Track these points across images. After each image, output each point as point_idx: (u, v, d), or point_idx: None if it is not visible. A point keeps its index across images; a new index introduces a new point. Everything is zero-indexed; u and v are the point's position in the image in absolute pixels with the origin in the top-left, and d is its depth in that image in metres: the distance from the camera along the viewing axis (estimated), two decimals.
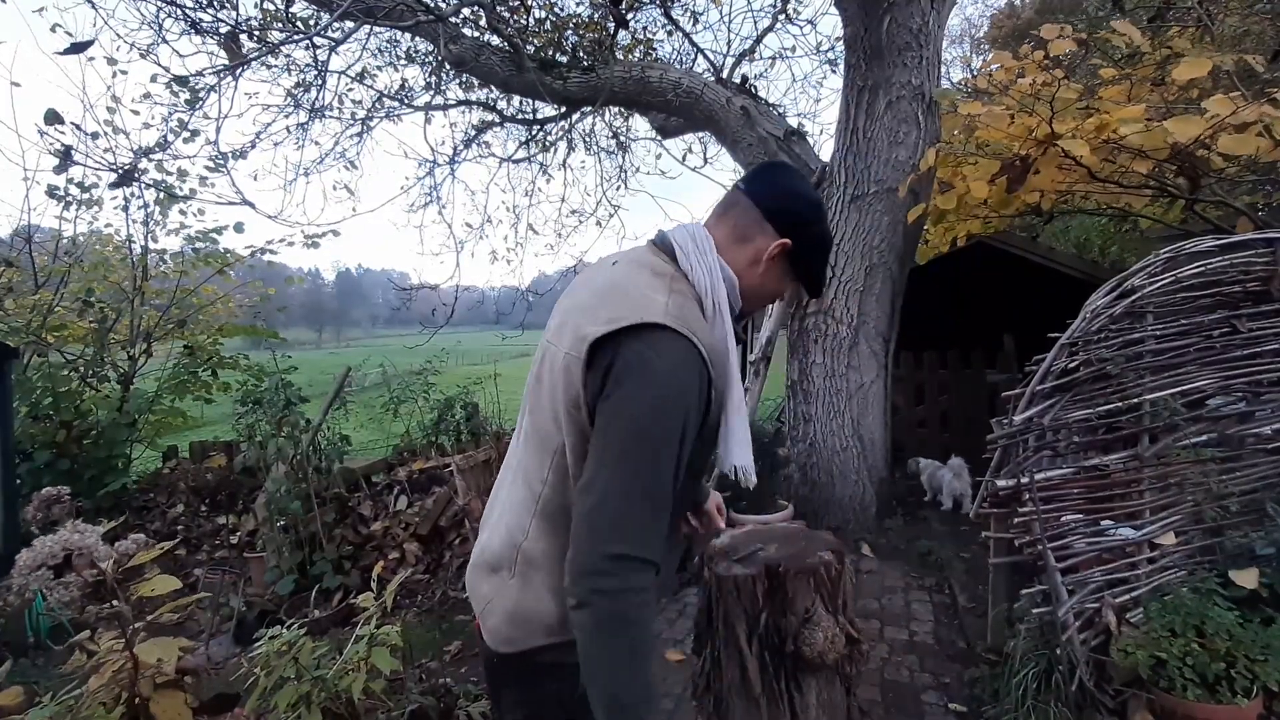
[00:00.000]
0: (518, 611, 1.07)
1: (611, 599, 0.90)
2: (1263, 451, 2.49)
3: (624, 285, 1.05)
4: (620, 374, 0.95)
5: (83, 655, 1.64)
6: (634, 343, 0.95)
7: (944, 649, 2.99)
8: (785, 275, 1.15)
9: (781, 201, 1.12)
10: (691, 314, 1.02)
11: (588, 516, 0.93)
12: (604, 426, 0.96)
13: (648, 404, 0.94)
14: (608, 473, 0.93)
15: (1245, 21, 5.69)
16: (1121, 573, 2.35)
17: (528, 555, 1.08)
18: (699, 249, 1.10)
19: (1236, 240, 2.44)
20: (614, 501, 0.91)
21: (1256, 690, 1.98)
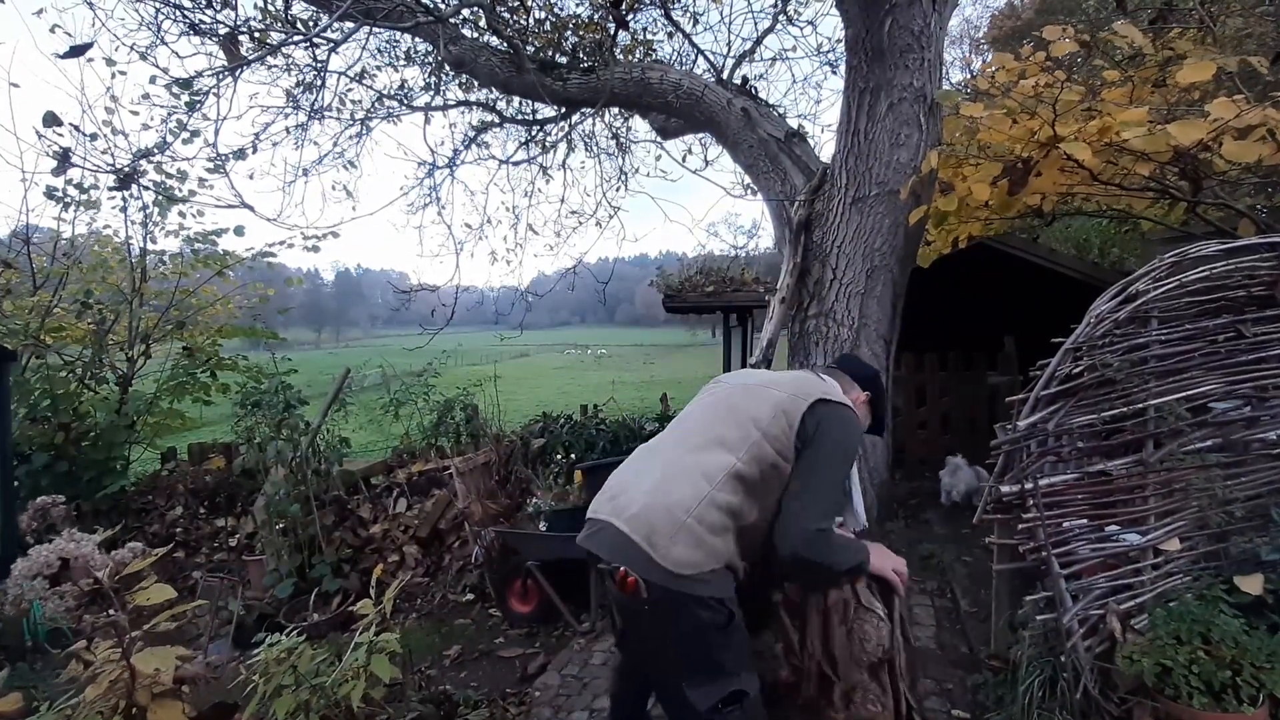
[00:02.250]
0: (703, 542, 1.58)
1: (817, 541, 1.63)
2: (1268, 457, 2.47)
3: (815, 381, 1.86)
4: (835, 421, 1.74)
5: (79, 665, 1.63)
6: (835, 409, 1.77)
7: (947, 654, 2.97)
8: (867, 416, 2.02)
9: (865, 377, 2.06)
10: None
11: (803, 501, 1.65)
12: (817, 454, 1.68)
13: (850, 445, 1.77)
14: (817, 479, 1.68)
15: (1248, 23, 5.68)
16: (1126, 579, 2.34)
17: (716, 501, 1.61)
18: (839, 388, 1.88)
19: (1241, 244, 2.43)
20: (819, 495, 1.66)
21: (1263, 698, 1.97)
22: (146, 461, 6.78)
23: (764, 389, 1.82)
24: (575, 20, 6.42)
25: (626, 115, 7.30)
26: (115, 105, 5.51)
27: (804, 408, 1.71)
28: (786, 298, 4.49)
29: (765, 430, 1.70)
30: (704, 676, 1.59)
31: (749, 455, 1.67)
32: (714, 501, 1.61)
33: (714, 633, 1.57)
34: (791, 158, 4.72)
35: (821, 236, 4.41)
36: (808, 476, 1.65)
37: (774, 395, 1.77)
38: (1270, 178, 4.67)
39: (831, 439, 1.68)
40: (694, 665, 1.60)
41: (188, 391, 6.68)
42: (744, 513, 1.65)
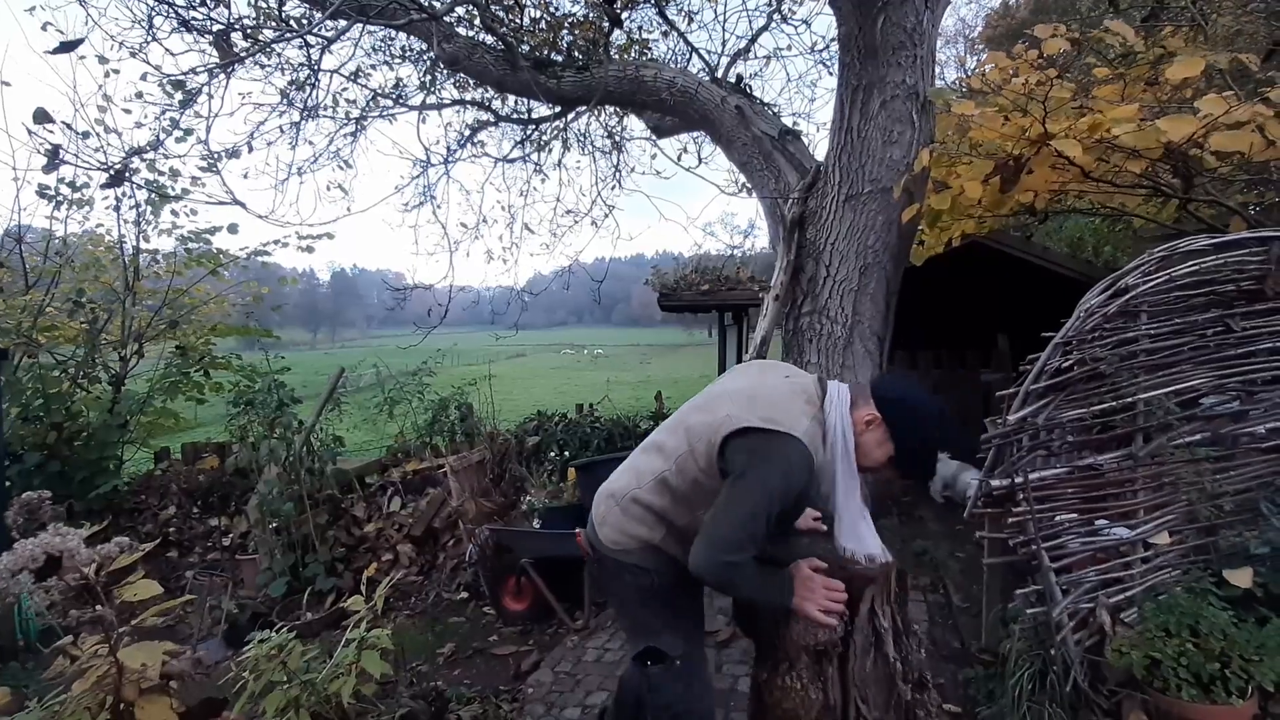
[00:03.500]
0: (624, 528, 1.78)
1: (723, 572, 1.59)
2: (1257, 451, 2.49)
3: (787, 398, 1.68)
4: (760, 452, 1.57)
5: (66, 660, 1.62)
6: (776, 441, 1.57)
7: (939, 649, 2.98)
8: (884, 443, 1.70)
9: (886, 391, 1.74)
10: (816, 438, 1.63)
11: (712, 529, 1.57)
12: (742, 479, 1.56)
13: (772, 482, 1.55)
14: (735, 507, 1.56)
15: (1239, 21, 5.70)
16: (1116, 573, 2.35)
17: (637, 498, 1.77)
18: (839, 404, 1.69)
19: (1230, 239, 2.44)
20: (727, 526, 1.56)
21: (1251, 690, 1.98)
22: (140, 461, 6.76)
23: (721, 402, 1.73)
24: (570, 19, 6.41)
25: (621, 114, 7.30)
26: (108, 104, 5.50)
27: (727, 432, 1.59)
28: (780, 295, 4.49)
29: (693, 446, 1.69)
30: (630, 631, 1.97)
31: (676, 467, 1.72)
32: (637, 499, 1.77)
33: (637, 593, 1.82)
34: (785, 155, 4.72)
35: (815, 234, 4.41)
36: (721, 507, 1.57)
37: (719, 411, 1.67)
38: (1261, 175, 4.70)
39: (754, 472, 1.55)
40: (624, 621, 2.03)
41: (181, 391, 6.65)
42: (672, 515, 1.74)
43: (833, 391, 1.72)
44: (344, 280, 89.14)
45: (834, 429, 1.65)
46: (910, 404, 1.71)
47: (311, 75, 5.99)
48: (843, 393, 1.72)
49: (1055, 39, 3.81)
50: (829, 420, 1.65)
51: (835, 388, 1.74)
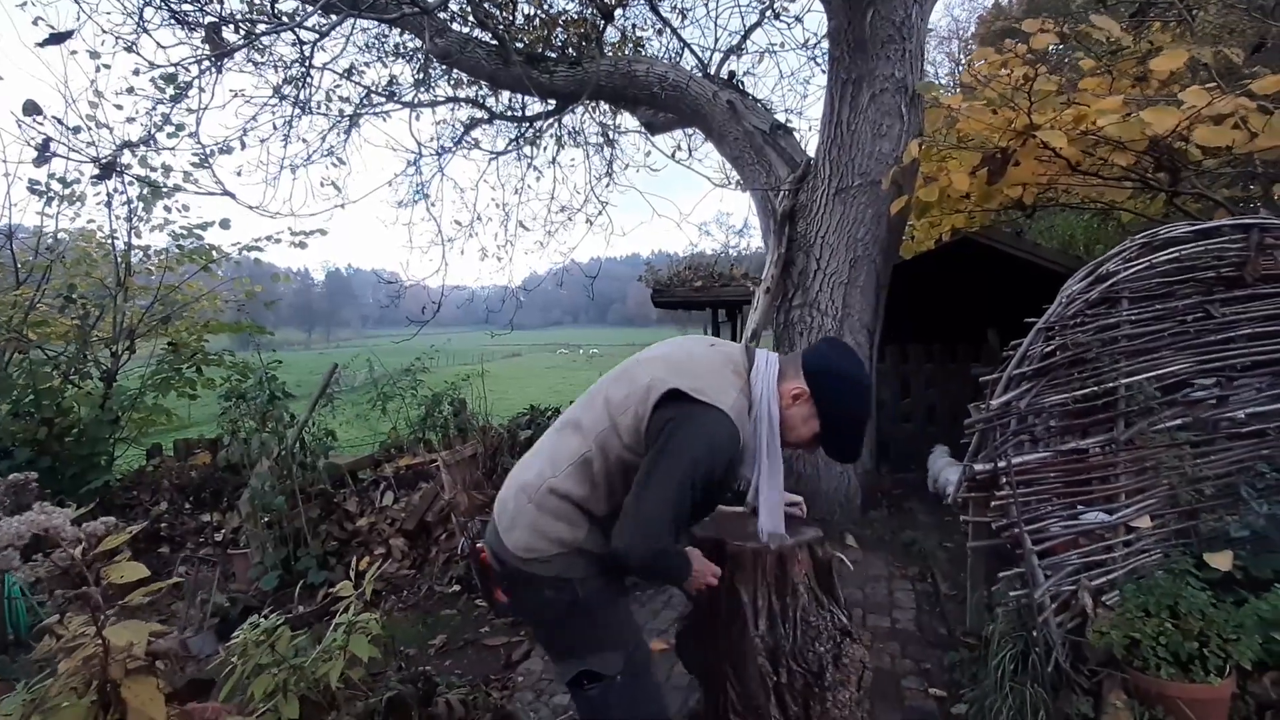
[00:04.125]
0: (540, 528, 1.52)
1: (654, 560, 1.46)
2: (1236, 435, 2.52)
3: (714, 369, 1.55)
4: (686, 425, 1.43)
5: (53, 640, 1.63)
6: (699, 411, 1.45)
7: (926, 636, 3.00)
8: (810, 418, 1.58)
9: (814, 362, 1.59)
10: (742, 411, 1.51)
11: (640, 509, 1.41)
12: (666, 453, 1.42)
13: (697, 455, 1.42)
14: (659, 485, 1.40)
15: (1224, 17, 5.75)
16: (1098, 556, 2.37)
17: (554, 488, 1.53)
18: (766, 377, 1.56)
19: (1210, 226, 2.47)
20: (657, 505, 1.40)
21: (1229, 669, 2.00)
22: (131, 458, 6.74)
23: (641, 368, 1.57)
24: (564, 16, 6.43)
25: (615, 110, 7.32)
26: (99, 99, 5.49)
27: (655, 399, 1.46)
28: (771, 288, 4.53)
29: (615, 420, 1.52)
30: (555, 653, 1.68)
31: (598, 445, 1.52)
32: (554, 489, 1.53)
33: (560, 611, 1.55)
34: (776, 150, 4.75)
35: (805, 227, 4.45)
36: (646, 484, 1.41)
37: (641, 379, 1.52)
38: (1247, 168, 4.74)
39: (676, 442, 1.40)
40: (547, 642, 1.73)
41: (173, 387, 6.63)
42: (592, 505, 1.53)
43: (760, 361, 1.57)
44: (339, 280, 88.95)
45: (760, 401, 1.52)
46: (840, 376, 1.56)
47: (304, 71, 6.00)
48: (771, 362, 1.57)
49: (1043, 34, 3.85)
50: (755, 392, 1.52)
51: (763, 357, 1.59)
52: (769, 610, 1.81)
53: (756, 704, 1.83)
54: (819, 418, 1.56)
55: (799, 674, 1.80)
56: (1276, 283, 2.49)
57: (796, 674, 1.80)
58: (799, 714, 1.82)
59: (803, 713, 1.81)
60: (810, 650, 1.81)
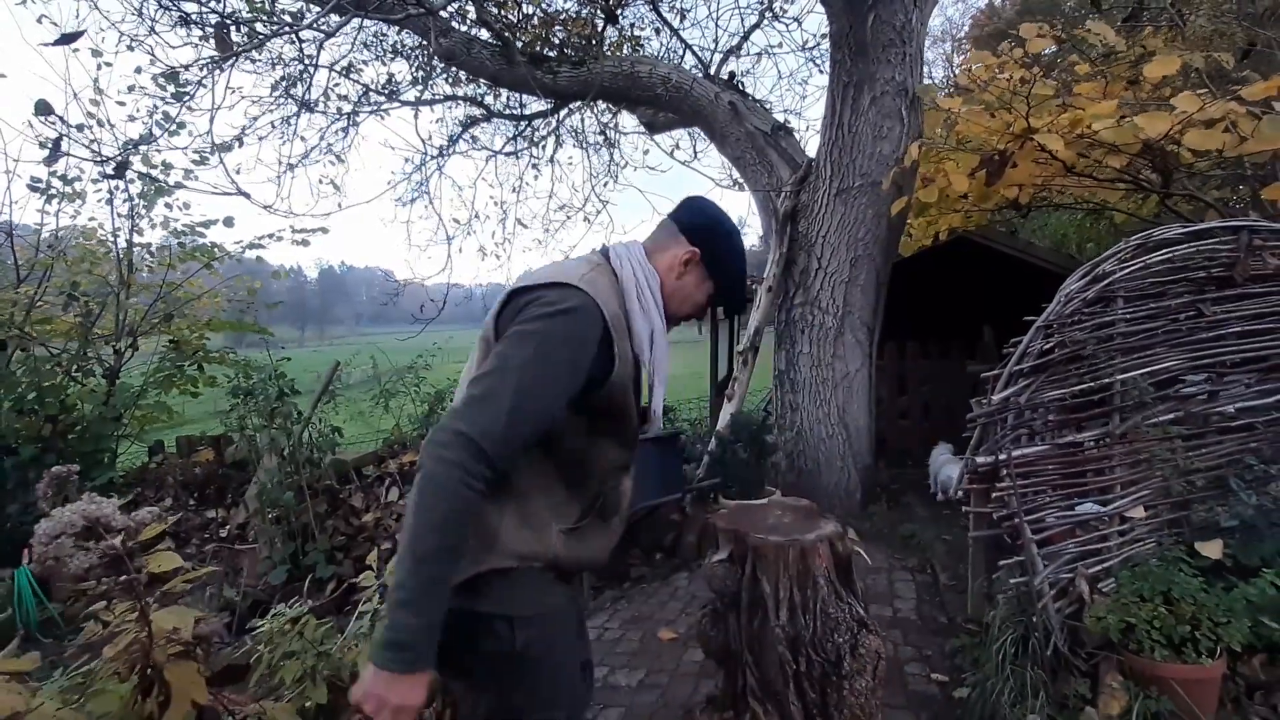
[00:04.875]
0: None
1: (440, 463, 0.98)
2: (1226, 430, 2.62)
3: (556, 264, 1.31)
4: (528, 310, 1.14)
5: (98, 626, 1.69)
6: (545, 292, 1.16)
7: (926, 624, 3.10)
8: (702, 282, 1.39)
9: (693, 218, 1.40)
10: (603, 287, 1.22)
11: (464, 401, 1.07)
12: (506, 341, 1.12)
13: (545, 334, 1.10)
14: (495, 375, 1.07)
15: (1215, 22, 5.87)
16: (1094, 545, 2.47)
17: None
18: (629, 254, 1.34)
19: (1202, 228, 2.56)
20: (488, 396, 1.04)
21: (1220, 651, 2.10)
22: (134, 455, 6.76)
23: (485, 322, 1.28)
24: (563, 15, 6.48)
25: (615, 110, 7.38)
26: (101, 96, 5.52)
27: (496, 311, 1.21)
28: (773, 286, 4.61)
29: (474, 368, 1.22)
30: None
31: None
32: None
33: (501, 666, 1.16)
34: (778, 150, 4.83)
35: (807, 227, 4.53)
36: (485, 370, 1.09)
37: (483, 330, 1.25)
38: (1236, 170, 4.86)
39: (517, 328, 1.11)
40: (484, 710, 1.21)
41: (175, 385, 6.67)
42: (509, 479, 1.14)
43: (618, 249, 1.36)
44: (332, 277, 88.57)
45: (631, 281, 1.29)
46: (723, 225, 1.41)
47: (304, 71, 6.03)
48: (631, 248, 1.37)
49: (1040, 38, 3.94)
50: (622, 273, 1.29)
51: (617, 246, 1.38)
52: (790, 601, 1.88)
53: (775, 690, 1.91)
54: (714, 277, 1.39)
55: (817, 663, 1.87)
56: (1265, 282, 2.59)
57: (815, 663, 1.87)
58: (816, 701, 1.89)
59: (820, 700, 1.89)
60: (829, 640, 1.88)
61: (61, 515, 1.44)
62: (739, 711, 1.97)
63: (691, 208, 1.44)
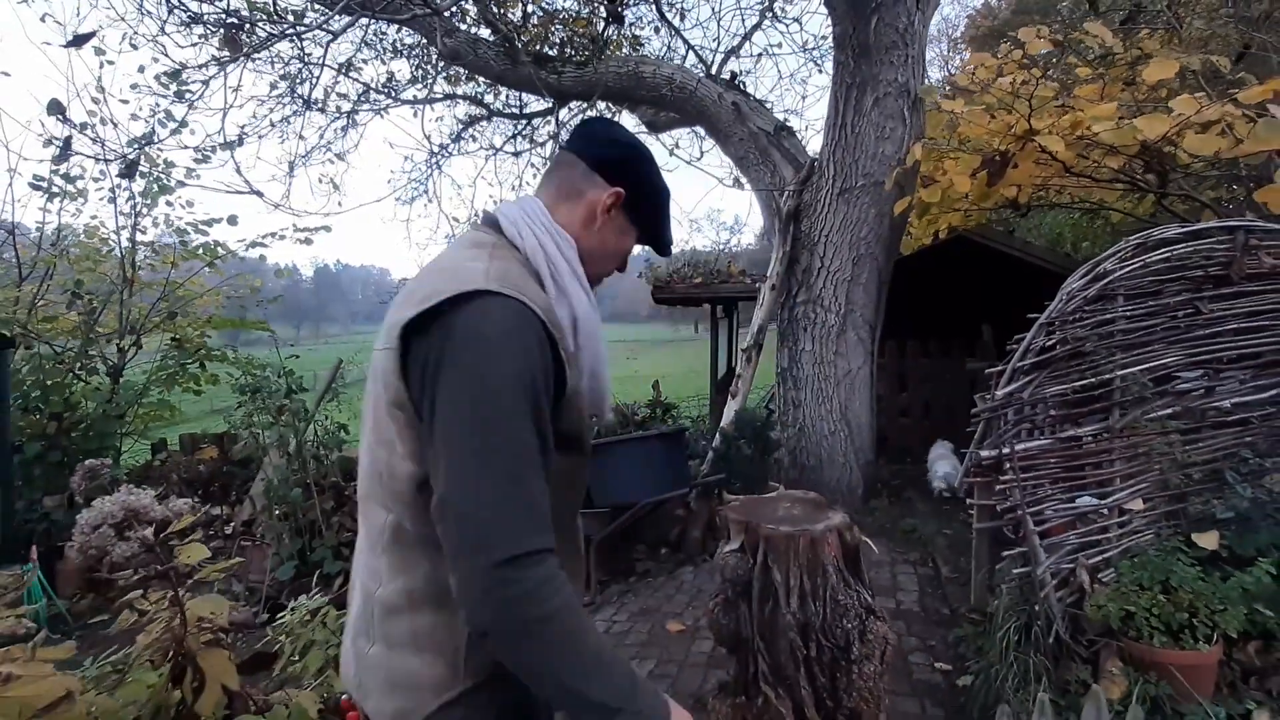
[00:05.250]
0: (395, 677, 0.89)
1: (524, 605, 0.77)
2: (1222, 424, 2.69)
3: (440, 265, 0.98)
4: (446, 354, 0.82)
5: (132, 613, 1.73)
6: (455, 317, 0.84)
7: (929, 615, 3.17)
8: (626, 229, 1.10)
9: (608, 150, 1.08)
10: (518, 276, 0.92)
11: (461, 530, 0.79)
12: (444, 419, 0.81)
13: (486, 379, 0.81)
14: (464, 472, 0.79)
15: (1211, 24, 5.95)
16: (1094, 536, 2.54)
17: (386, 604, 0.90)
18: (527, 216, 1.02)
19: (1200, 228, 2.63)
20: (482, 502, 0.78)
21: (1216, 637, 2.17)
22: (137, 452, 6.78)
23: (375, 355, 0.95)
24: (564, 14, 6.52)
25: (616, 110, 7.42)
26: (102, 94, 5.55)
27: (398, 349, 0.86)
28: (776, 285, 4.67)
29: (381, 433, 0.92)
30: None
31: (390, 487, 0.91)
32: (389, 605, 0.91)
33: None
34: (780, 150, 4.89)
35: (810, 226, 4.59)
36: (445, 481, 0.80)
37: (376, 365, 0.93)
38: (1232, 171, 4.94)
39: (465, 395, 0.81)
40: None
41: (178, 383, 6.70)
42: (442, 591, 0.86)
43: (510, 214, 1.03)
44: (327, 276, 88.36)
45: (540, 255, 0.99)
46: (645, 152, 1.11)
47: (304, 69, 6.06)
48: (528, 208, 1.04)
49: (1038, 40, 4.01)
50: (525, 246, 0.99)
51: (509, 206, 1.05)
52: (800, 589, 1.94)
53: (786, 675, 1.97)
54: (640, 219, 1.10)
55: (827, 648, 1.93)
56: (1260, 281, 2.66)
57: (825, 648, 1.93)
58: (826, 685, 1.95)
59: (829, 684, 1.95)
60: (838, 626, 1.94)
61: (102, 506, 1.49)
62: (750, 697, 2.02)
63: (599, 136, 1.11)
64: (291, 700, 2.00)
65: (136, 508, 1.52)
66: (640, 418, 6.26)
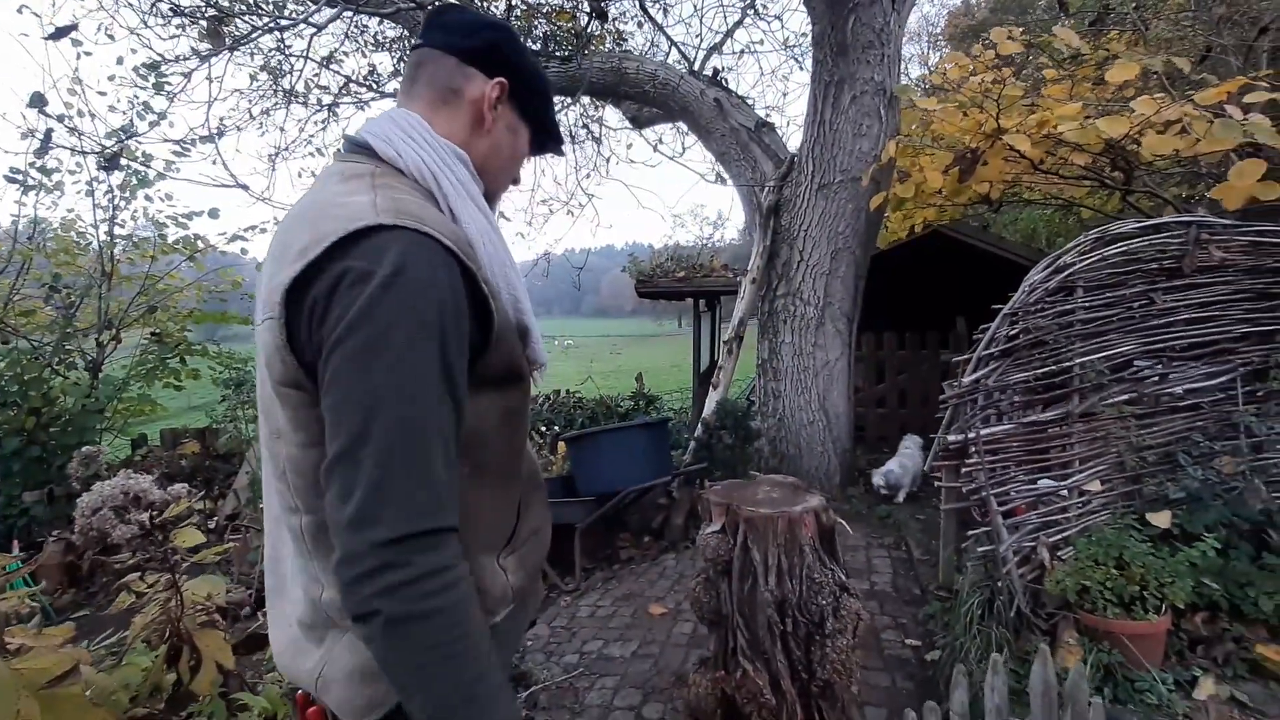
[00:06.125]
0: (368, 666, 0.79)
1: (404, 598, 0.67)
2: (1175, 409, 2.84)
3: (311, 208, 0.81)
4: (339, 299, 0.70)
5: (130, 595, 1.78)
6: (343, 263, 0.71)
7: (901, 595, 3.29)
8: (516, 125, 0.96)
9: (477, 38, 0.91)
10: (414, 205, 0.78)
11: (344, 499, 0.68)
12: (337, 376, 0.70)
13: (389, 333, 0.69)
14: (357, 437, 0.68)
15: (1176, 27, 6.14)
16: (1055, 516, 2.67)
17: (334, 603, 0.81)
18: (404, 131, 0.87)
19: (1155, 223, 2.77)
20: (373, 470, 0.68)
21: (1165, 608, 2.31)
22: (117, 448, 6.73)
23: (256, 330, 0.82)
24: (548, 8, 6.54)
25: (599, 104, 7.48)
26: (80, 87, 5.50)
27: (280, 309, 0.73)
28: (757, 278, 4.77)
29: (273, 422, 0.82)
30: None
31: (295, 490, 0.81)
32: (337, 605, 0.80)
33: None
34: (761, 146, 4.98)
35: (789, 221, 4.69)
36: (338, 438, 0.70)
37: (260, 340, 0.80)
38: (1194, 169, 5.13)
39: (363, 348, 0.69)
40: None
41: (158, 378, 6.65)
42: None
43: (382, 131, 0.87)
44: None
45: (428, 175, 0.85)
46: (512, 30, 1.00)
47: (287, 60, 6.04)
48: (404, 123, 0.88)
49: (1010, 41, 4.14)
50: (409, 164, 0.85)
51: (379, 123, 0.89)
52: (778, 567, 2.04)
53: (763, 649, 2.07)
54: (529, 111, 0.97)
55: (803, 623, 2.04)
56: (1211, 274, 2.81)
57: (800, 623, 2.04)
58: (801, 658, 2.06)
59: (804, 657, 2.06)
60: (813, 602, 2.05)
61: (102, 490, 1.54)
62: (730, 670, 2.12)
63: (463, 24, 0.93)
64: (284, 680, 2.07)
65: (136, 491, 1.57)
66: (624, 410, 6.36)
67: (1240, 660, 2.33)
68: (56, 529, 5.08)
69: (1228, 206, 3.25)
